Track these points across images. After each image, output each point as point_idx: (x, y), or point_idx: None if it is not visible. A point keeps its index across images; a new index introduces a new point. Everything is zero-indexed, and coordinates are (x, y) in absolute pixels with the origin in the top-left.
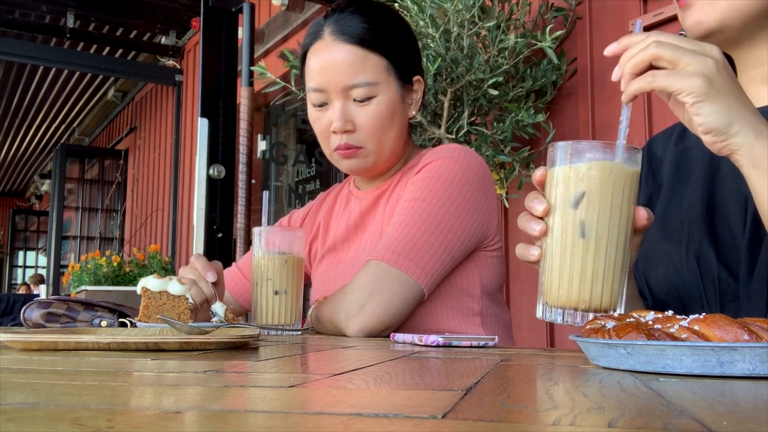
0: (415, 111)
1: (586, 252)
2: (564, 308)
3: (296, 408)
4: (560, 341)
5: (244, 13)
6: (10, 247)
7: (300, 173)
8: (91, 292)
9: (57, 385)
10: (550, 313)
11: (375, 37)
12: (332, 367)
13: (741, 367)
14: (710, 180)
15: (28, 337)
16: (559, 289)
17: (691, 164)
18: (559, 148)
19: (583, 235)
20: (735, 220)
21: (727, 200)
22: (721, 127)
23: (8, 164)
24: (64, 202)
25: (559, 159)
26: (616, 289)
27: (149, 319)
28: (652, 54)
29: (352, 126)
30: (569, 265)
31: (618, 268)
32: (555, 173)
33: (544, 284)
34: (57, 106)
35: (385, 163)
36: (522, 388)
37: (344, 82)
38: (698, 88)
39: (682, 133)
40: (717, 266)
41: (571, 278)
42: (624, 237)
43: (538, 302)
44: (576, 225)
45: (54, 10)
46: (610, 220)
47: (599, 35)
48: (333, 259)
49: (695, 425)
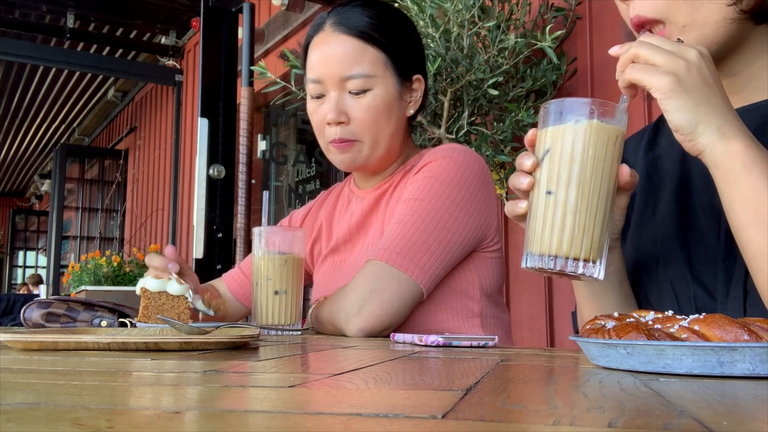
0: (413, 110)
1: (566, 203)
2: (544, 255)
3: (296, 408)
4: (560, 341)
5: (244, 13)
6: (10, 247)
7: (300, 173)
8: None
9: (57, 385)
10: (533, 261)
11: (374, 31)
12: (332, 367)
13: (741, 367)
14: (681, 193)
15: (28, 337)
16: (542, 237)
17: (662, 174)
18: (545, 109)
19: (565, 187)
20: (708, 234)
21: (699, 214)
22: (686, 126)
23: (8, 164)
24: (64, 202)
25: (545, 119)
26: (596, 242)
27: (149, 320)
28: (633, 53)
29: (347, 118)
30: (551, 215)
31: (598, 221)
32: (542, 132)
33: (528, 234)
34: (57, 106)
35: (379, 160)
36: (522, 388)
37: (340, 73)
38: (665, 85)
39: (652, 139)
40: (692, 285)
41: (553, 227)
42: (606, 192)
43: (524, 253)
44: (558, 178)
45: (54, 10)
46: (592, 175)
47: (599, 35)
48: (336, 260)
49: (695, 425)
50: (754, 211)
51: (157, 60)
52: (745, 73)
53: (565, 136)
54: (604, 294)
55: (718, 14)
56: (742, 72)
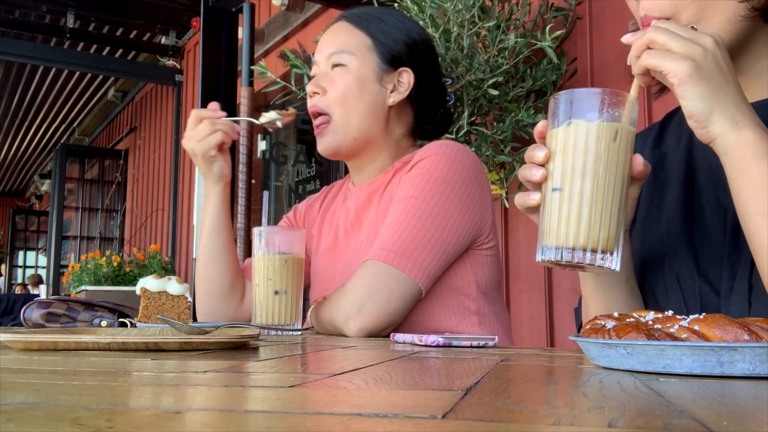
0: (396, 99)
1: (582, 195)
2: (562, 248)
3: (296, 408)
4: (560, 341)
5: (244, 13)
6: (10, 247)
7: (300, 173)
8: (91, 292)
9: (57, 385)
10: (549, 254)
11: (367, 19)
12: (332, 367)
13: (741, 367)
14: (687, 190)
15: (28, 337)
16: (558, 229)
17: (668, 171)
18: (555, 100)
19: (580, 180)
20: (714, 230)
21: (705, 210)
22: (701, 113)
23: (8, 164)
24: (64, 202)
25: (555, 111)
26: (613, 233)
27: (149, 320)
28: (649, 38)
29: (322, 90)
30: (567, 207)
31: (614, 213)
32: (553, 126)
33: (543, 228)
34: (57, 106)
35: (355, 144)
36: (522, 388)
37: (325, 48)
38: (683, 71)
39: (659, 136)
40: (698, 281)
41: (569, 219)
42: (620, 183)
43: (538, 247)
44: (573, 171)
45: (54, 10)
46: (607, 167)
47: (599, 35)
48: (332, 258)
49: (695, 425)
50: (762, 200)
51: (157, 60)
52: (752, 71)
53: (578, 129)
54: (612, 288)
55: (725, 13)
56: (748, 70)
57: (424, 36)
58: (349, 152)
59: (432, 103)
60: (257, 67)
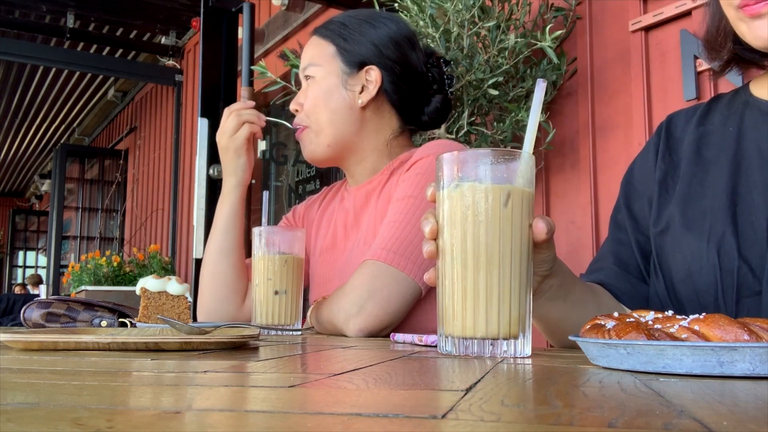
0: (366, 99)
1: (476, 277)
2: (459, 338)
3: (296, 408)
4: None
5: (244, 13)
6: (10, 247)
7: (300, 173)
8: (91, 292)
9: (57, 385)
10: (448, 344)
11: (331, 28)
12: (332, 367)
13: (741, 367)
14: (735, 169)
15: (28, 337)
16: (453, 317)
17: (712, 148)
18: (441, 163)
19: (473, 257)
20: (758, 213)
21: (751, 191)
22: None
23: (8, 164)
24: (64, 202)
25: (439, 176)
26: (515, 315)
27: (149, 320)
28: None
29: (300, 106)
30: (461, 291)
31: (515, 291)
32: (440, 192)
33: (438, 312)
34: (57, 106)
35: (330, 149)
36: (522, 388)
37: (301, 66)
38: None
39: (705, 115)
40: (737, 260)
41: (465, 304)
42: (519, 256)
43: (438, 333)
44: (463, 247)
45: (54, 10)
46: (500, 240)
47: (599, 35)
48: (331, 258)
49: (695, 425)
50: None
51: (157, 60)
52: None
53: (463, 198)
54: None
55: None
56: None
57: (396, 31)
58: (328, 158)
59: (412, 95)
60: (257, 67)
